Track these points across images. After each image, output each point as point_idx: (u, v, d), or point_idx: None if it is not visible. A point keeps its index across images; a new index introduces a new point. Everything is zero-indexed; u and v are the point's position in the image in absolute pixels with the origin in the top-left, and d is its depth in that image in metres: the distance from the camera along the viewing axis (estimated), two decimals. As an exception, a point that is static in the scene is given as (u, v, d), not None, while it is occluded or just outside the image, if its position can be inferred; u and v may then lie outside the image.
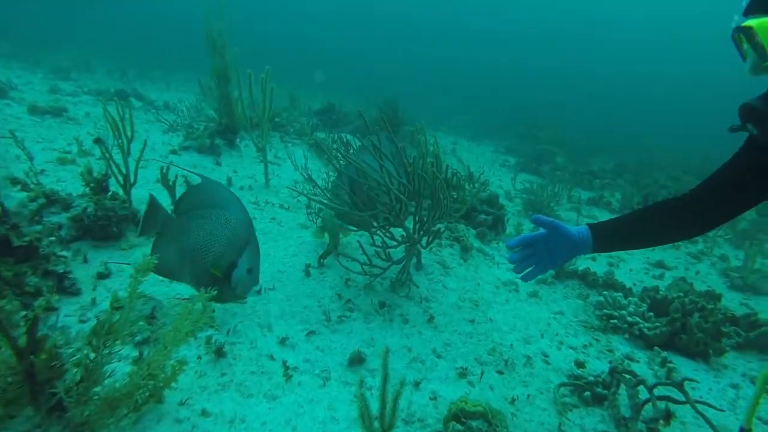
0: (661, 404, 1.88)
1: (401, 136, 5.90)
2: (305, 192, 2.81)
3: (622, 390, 2.10)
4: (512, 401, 2.00)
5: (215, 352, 1.85)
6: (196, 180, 2.44)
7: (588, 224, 1.39)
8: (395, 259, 2.67)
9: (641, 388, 1.98)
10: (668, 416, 1.77)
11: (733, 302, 4.00)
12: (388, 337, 2.29)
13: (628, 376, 2.05)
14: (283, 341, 2.11)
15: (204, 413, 1.62)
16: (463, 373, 2.10)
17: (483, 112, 14.48)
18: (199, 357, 1.83)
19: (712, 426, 1.74)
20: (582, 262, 3.56)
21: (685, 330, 2.72)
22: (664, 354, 2.59)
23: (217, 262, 1.95)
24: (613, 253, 4.53)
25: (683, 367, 2.61)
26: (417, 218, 2.61)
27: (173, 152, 4.64)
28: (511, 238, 1.44)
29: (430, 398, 1.91)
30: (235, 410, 1.66)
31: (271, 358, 1.97)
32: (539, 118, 11.41)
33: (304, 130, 7.13)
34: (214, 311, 2.13)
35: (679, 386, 1.83)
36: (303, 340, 2.16)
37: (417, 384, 1.98)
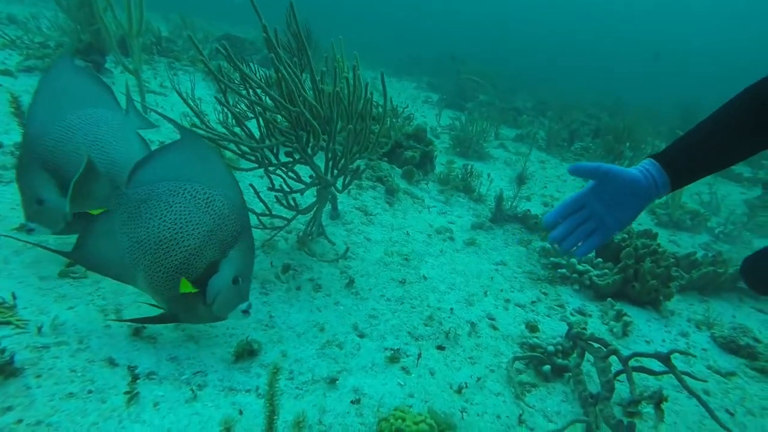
0: (652, 383, 1.50)
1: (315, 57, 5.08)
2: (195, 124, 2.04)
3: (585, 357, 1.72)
4: (459, 390, 1.52)
5: None
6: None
7: (652, 156, 0.92)
8: (303, 206, 2.04)
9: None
10: (660, 400, 1.39)
11: (662, 239, 3.89)
12: (293, 313, 1.69)
13: (596, 345, 1.65)
14: (137, 332, 1.44)
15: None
16: (394, 357, 1.58)
17: (405, 47, 13.75)
18: (-35, 383, 1.12)
19: (708, 409, 1.38)
20: (521, 204, 3.16)
21: (638, 277, 2.42)
22: (618, 306, 2.27)
23: (189, 264, 1.28)
24: (546, 192, 4.24)
25: (636, 318, 2.32)
26: (330, 153, 1.97)
27: (6, 73, 3.49)
28: (549, 210, 0.93)
29: (352, 401, 1.37)
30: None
31: (111, 363, 1.30)
32: (460, 52, 10.92)
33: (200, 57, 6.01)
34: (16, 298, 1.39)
35: (665, 359, 1.45)
36: (169, 327, 1.50)
37: (332, 380, 1.43)
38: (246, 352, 1.44)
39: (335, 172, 2.01)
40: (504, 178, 4.23)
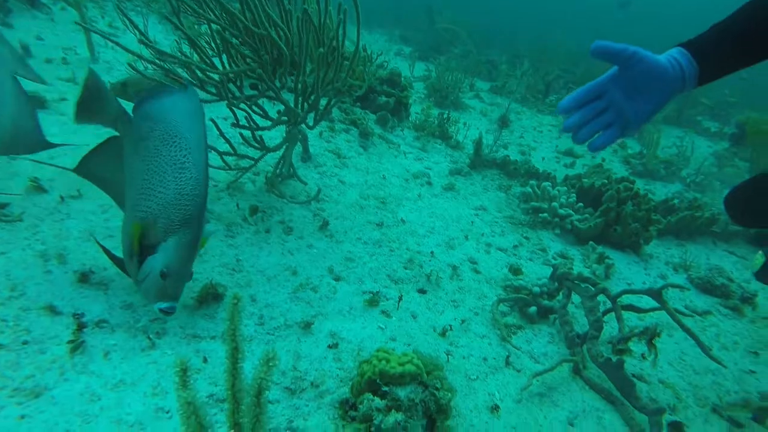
0: (634, 323, 1.45)
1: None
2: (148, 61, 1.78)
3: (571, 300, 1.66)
4: (443, 333, 1.43)
5: None
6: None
7: (680, 45, 0.79)
8: (271, 146, 1.86)
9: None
10: (653, 336, 1.33)
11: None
12: (262, 257, 1.55)
13: (584, 285, 1.58)
14: (84, 278, 1.27)
15: None
16: (373, 300, 1.47)
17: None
18: None
19: (699, 342, 1.34)
20: (499, 151, 3.05)
21: (619, 220, 2.37)
22: (600, 249, 2.22)
23: (143, 229, 1.10)
24: (523, 142, 4.14)
25: (616, 261, 2.28)
26: (300, 84, 1.77)
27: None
28: (565, 97, 0.78)
29: (329, 346, 1.26)
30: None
31: (52, 311, 1.14)
32: (437, 4, 10.50)
33: (154, -3, 5.51)
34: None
35: (657, 294, 1.39)
36: (123, 273, 1.34)
37: (307, 325, 1.31)
38: (210, 297, 1.30)
39: (306, 106, 1.83)
40: (480, 127, 4.10)
